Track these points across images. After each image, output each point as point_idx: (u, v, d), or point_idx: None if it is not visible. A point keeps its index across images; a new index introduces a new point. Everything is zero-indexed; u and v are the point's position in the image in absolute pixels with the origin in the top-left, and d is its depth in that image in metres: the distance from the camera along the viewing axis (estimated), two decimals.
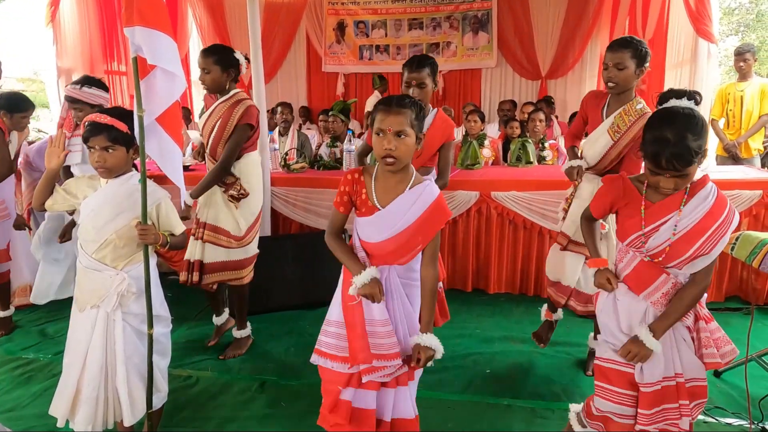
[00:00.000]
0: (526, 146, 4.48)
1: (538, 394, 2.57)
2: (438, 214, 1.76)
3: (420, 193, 1.75)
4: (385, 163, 1.71)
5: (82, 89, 2.92)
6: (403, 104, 1.72)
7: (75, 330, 1.95)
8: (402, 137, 1.69)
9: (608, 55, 2.43)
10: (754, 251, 2.46)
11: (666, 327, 1.66)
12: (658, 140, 1.54)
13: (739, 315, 3.41)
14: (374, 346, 1.74)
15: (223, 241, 2.81)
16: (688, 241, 1.63)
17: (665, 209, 1.66)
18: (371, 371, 1.74)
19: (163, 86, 1.82)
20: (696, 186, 1.65)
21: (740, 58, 4.77)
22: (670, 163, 1.53)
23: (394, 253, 1.77)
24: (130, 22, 1.76)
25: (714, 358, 1.68)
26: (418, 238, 1.76)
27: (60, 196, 1.98)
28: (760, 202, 3.49)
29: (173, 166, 1.91)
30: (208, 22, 7.82)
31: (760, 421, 2.26)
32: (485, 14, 7.36)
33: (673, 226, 1.63)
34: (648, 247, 1.68)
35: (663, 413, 1.69)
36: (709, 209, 1.62)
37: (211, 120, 2.78)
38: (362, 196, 1.79)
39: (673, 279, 1.67)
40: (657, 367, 1.67)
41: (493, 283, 3.83)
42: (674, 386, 1.69)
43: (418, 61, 2.59)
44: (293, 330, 3.32)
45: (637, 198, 1.71)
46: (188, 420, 2.39)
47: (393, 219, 1.74)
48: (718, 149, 5.08)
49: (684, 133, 1.51)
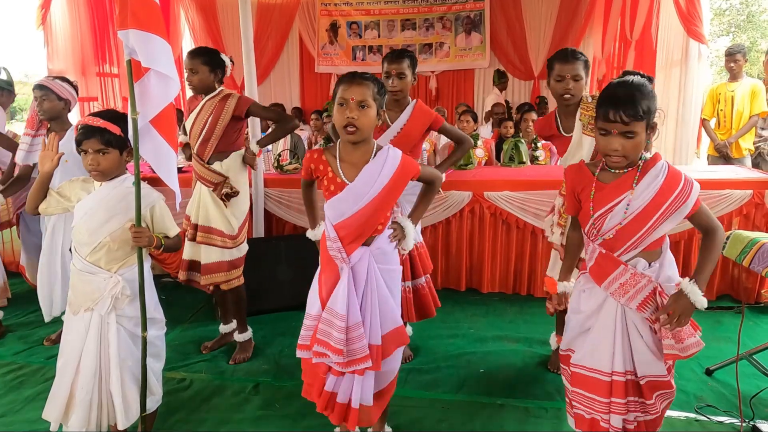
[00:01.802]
0: (519, 146, 4.50)
1: (532, 394, 2.58)
2: (404, 170, 1.85)
3: (384, 157, 1.82)
4: (346, 133, 1.77)
5: (54, 80, 2.94)
6: (365, 77, 1.80)
7: (69, 333, 1.94)
8: (364, 108, 1.76)
9: (563, 67, 2.38)
10: (744, 250, 2.49)
11: (705, 279, 1.64)
12: (608, 95, 1.62)
13: (731, 314, 3.44)
14: (324, 333, 1.83)
15: (217, 242, 2.81)
16: (641, 220, 1.64)
17: (617, 190, 1.67)
18: (317, 355, 1.86)
19: (157, 89, 1.82)
20: (648, 164, 1.66)
21: (731, 58, 4.81)
22: (617, 113, 1.57)
23: (368, 222, 1.83)
24: (123, 25, 1.76)
25: (672, 349, 1.66)
26: (389, 199, 1.85)
27: (54, 199, 1.98)
28: (750, 201, 3.52)
29: (168, 169, 1.91)
30: (200, 24, 7.81)
31: (751, 419, 2.28)
32: (478, 15, 7.38)
33: (625, 206, 1.65)
34: (602, 231, 1.69)
35: (631, 404, 1.71)
36: (660, 186, 1.63)
37: (200, 119, 2.77)
38: (329, 175, 1.85)
39: (632, 270, 1.66)
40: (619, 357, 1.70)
41: (486, 283, 3.85)
42: (633, 381, 1.71)
43: (397, 53, 2.65)
44: (287, 331, 3.32)
45: (590, 179, 1.73)
46: (182, 422, 2.38)
47: (363, 189, 1.80)
48: (709, 149, 5.12)
49: (633, 91, 1.59)
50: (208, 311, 3.63)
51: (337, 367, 1.86)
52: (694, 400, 2.46)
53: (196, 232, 2.81)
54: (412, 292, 2.74)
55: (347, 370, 1.85)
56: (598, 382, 1.72)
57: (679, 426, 2.28)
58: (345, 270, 1.84)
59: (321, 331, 1.83)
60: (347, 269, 1.84)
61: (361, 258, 1.85)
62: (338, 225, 1.84)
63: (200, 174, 2.79)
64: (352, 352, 1.82)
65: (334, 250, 1.85)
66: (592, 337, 1.76)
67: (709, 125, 5.02)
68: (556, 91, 2.44)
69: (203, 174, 2.77)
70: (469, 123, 4.73)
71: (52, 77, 2.97)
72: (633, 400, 1.72)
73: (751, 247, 2.46)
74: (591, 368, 1.74)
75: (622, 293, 1.68)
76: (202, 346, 3.07)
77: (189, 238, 2.84)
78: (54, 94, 2.91)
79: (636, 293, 1.66)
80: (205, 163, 2.77)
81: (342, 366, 1.84)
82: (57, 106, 2.93)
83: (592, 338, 1.76)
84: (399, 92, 2.65)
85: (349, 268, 1.84)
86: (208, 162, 2.77)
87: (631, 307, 1.68)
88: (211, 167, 2.76)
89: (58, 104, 2.94)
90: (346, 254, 1.84)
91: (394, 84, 2.62)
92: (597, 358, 1.73)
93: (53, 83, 2.92)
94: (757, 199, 3.52)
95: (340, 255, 1.84)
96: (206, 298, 3.67)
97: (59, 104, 2.94)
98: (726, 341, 2.89)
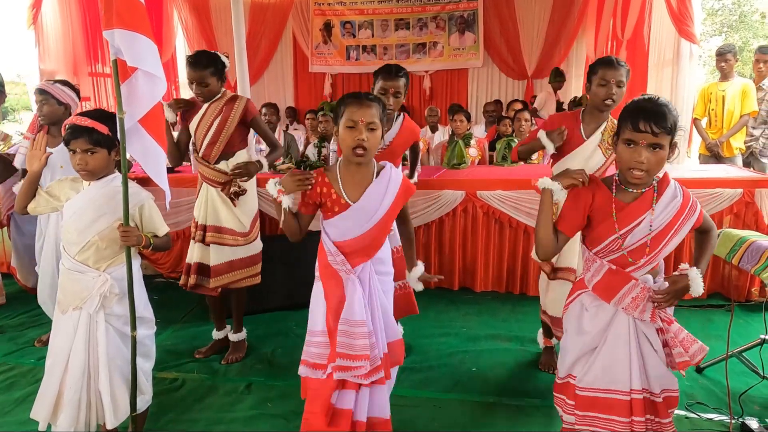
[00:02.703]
0: (512, 145, 4.51)
1: (524, 392, 2.59)
2: (405, 192, 1.88)
3: (388, 178, 1.84)
4: (355, 155, 1.76)
5: (54, 84, 2.92)
6: (372, 98, 1.80)
7: (57, 332, 1.93)
8: (373, 130, 1.76)
9: (608, 71, 2.38)
10: (733, 248, 2.50)
11: (703, 270, 1.69)
12: (638, 108, 1.61)
13: (721, 312, 3.46)
14: (344, 345, 1.77)
15: (228, 240, 2.81)
16: (661, 238, 1.66)
17: (637, 210, 1.67)
18: (343, 369, 1.77)
19: (144, 88, 1.82)
20: (662, 183, 1.68)
21: (722, 58, 4.84)
22: (648, 123, 1.56)
23: (372, 243, 1.83)
24: (109, 25, 1.76)
25: (683, 357, 1.67)
26: (390, 219, 1.86)
27: (43, 198, 1.98)
28: (740, 200, 3.54)
29: (157, 168, 1.91)
30: (193, 24, 7.79)
31: (740, 416, 2.30)
32: (471, 14, 7.40)
33: (648, 225, 1.65)
34: (625, 245, 1.69)
35: (648, 423, 1.69)
36: (679, 207, 1.66)
37: (205, 121, 2.75)
38: (332, 196, 1.82)
39: (642, 284, 1.67)
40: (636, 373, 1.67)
41: (479, 282, 3.85)
42: (649, 399, 1.69)
43: (396, 70, 2.61)
44: (280, 331, 3.32)
45: (607, 197, 1.70)
46: (174, 422, 2.38)
47: (369, 210, 1.80)
48: (700, 148, 5.16)
49: (662, 105, 1.60)
50: (201, 312, 3.62)
51: (357, 380, 1.78)
52: (684, 397, 2.46)
53: (204, 233, 2.80)
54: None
55: (370, 380, 1.79)
56: (618, 403, 1.67)
57: None
58: (353, 279, 1.81)
59: (342, 345, 1.76)
60: (354, 278, 1.81)
61: (363, 269, 1.84)
62: (340, 244, 1.83)
63: (207, 175, 2.78)
64: (375, 358, 1.79)
65: (337, 263, 1.82)
66: (604, 356, 1.71)
67: (701, 124, 5.05)
68: (598, 96, 2.42)
69: (210, 175, 2.77)
70: (463, 123, 4.74)
71: (54, 81, 2.94)
72: (649, 419, 1.69)
73: (740, 246, 2.47)
74: (607, 389, 1.69)
75: (634, 307, 1.68)
76: (195, 353, 3.03)
77: (197, 240, 2.82)
78: (54, 98, 2.89)
79: (645, 307, 1.68)
80: (211, 165, 2.76)
81: (365, 377, 1.78)
82: (57, 111, 2.91)
83: (604, 357, 1.70)
84: (391, 110, 2.65)
85: (357, 277, 1.82)
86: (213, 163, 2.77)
87: (645, 319, 1.68)
88: (217, 167, 2.76)
89: (58, 109, 2.92)
90: (350, 266, 1.82)
91: (390, 102, 2.59)
92: (612, 378, 1.68)
93: (53, 87, 2.90)
94: (747, 198, 3.54)
95: (344, 267, 1.82)
96: (198, 299, 3.66)
97: (59, 109, 2.92)
98: (716, 339, 2.90)
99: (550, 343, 2.84)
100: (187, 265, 2.87)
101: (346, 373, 1.77)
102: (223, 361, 2.93)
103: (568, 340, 1.81)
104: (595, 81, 2.44)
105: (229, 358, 2.95)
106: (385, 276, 1.94)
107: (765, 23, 15.84)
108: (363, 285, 1.83)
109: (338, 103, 1.83)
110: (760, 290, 3.57)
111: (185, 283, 2.85)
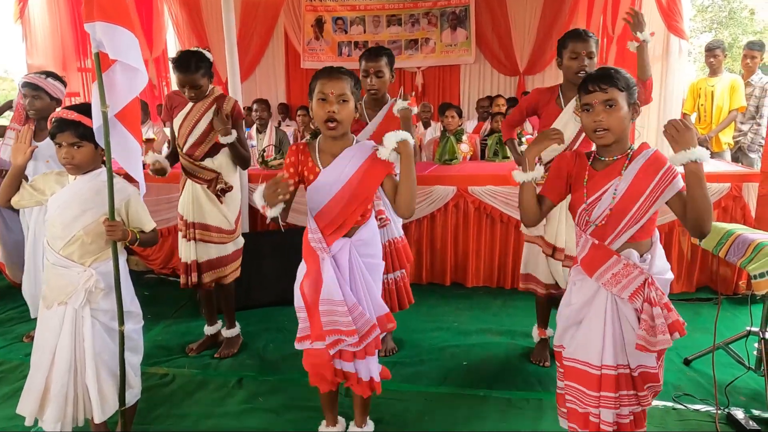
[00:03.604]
0: (503, 141, 4.51)
1: (514, 385, 2.61)
2: (378, 164, 1.84)
3: (358, 147, 1.87)
4: (327, 128, 1.80)
5: (47, 79, 2.89)
6: (342, 71, 1.83)
7: (43, 327, 1.92)
8: (344, 102, 1.79)
9: (577, 44, 2.47)
10: (720, 242, 2.53)
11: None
12: (587, 75, 1.74)
13: (709, 305, 3.49)
14: (331, 323, 1.87)
15: (214, 238, 2.80)
16: (627, 202, 1.65)
17: (607, 177, 1.70)
18: (336, 343, 1.89)
19: (123, 81, 1.81)
20: (636, 152, 1.70)
21: (710, 54, 4.87)
22: (595, 84, 1.65)
23: (344, 211, 1.85)
24: (90, 18, 1.74)
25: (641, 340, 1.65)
26: (361, 189, 1.85)
27: (27, 192, 1.95)
28: (728, 194, 3.57)
29: (133, 163, 1.91)
30: (184, 20, 7.73)
31: (726, 407, 2.32)
32: (463, 10, 7.38)
33: (613, 191, 1.67)
34: (592, 218, 1.71)
35: (624, 398, 1.71)
36: (641, 166, 1.66)
37: (190, 119, 2.72)
38: (309, 164, 1.90)
39: (624, 260, 1.68)
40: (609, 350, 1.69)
41: (470, 277, 3.87)
42: (626, 374, 1.71)
43: (375, 51, 2.66)
44: (271, 326, 3.32)
45: (584, 166, 1.76)
46: (164, 417, 2.37)
47: (334, 174, 1.84)
48: None
49: (609, 68, 1.70)
50: (191, 307, 3.61)
51: (352, 348, 1.91)
52: (671, 389, 2.49)
53: (194, 230, 2.78)
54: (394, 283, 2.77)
55: (361, 347, 1.91)
56: (589, 376, 1.72)
57: (657, 415, 2.31)
58: (326, 259, 1.87)
59: (327, 323, 1.87)
60: (328, 258, 1.87)
61: (341, 248, 1.89)
62: (317, 215, 1.88)
63: (192, 173, 2.76)
64: (362, 328, 1.89)
65: (315, 241, 1.89)
66: (583, 329, 1.76)
67: (690, 120, 5.08)
68: (570, 69, 2.50)
69: (195, 172, 2.75)
70: (454, 119, 4.74)
71: (44, 74, 2.91)
72: (627, 394, 1.71)
73: (727, 239, 2.50)
74: (582, 361, 1.74)
75: (614, 283, 1.69)
76: (187, 348, 3.01)
77: (188, 238, 2.80)
78: (47, 94, 2.88)
79: (628, 283, 1.67)
80: (196, 162, 2.74)
81: (356, 345, 1.89)
82: (50, 106, 2.90)
83: (583, 331, 1.76)
84: (377, 91, 2.66)
85: (330, 257, 1.87)
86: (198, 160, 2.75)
87: (623, 296, 1.68)
88: (203, 164, 2.75)
89: (51, 104, 2.91)
90: (326, 245, 1.87)
91: (373, 82, 2.63)
92: (587, 351, 1.73)
93: (46, 83, 2.88)
94: (734, 192, 3.57)
95: (321, 245, 1.88)
96: (189, 294, 3.65)
97: (52, 104, 2.91)
98: (703, 332, 2.93)
99: (545, 335, 2.86)
100: (185, 264, 2.84)
101: (340, 345, 1.90)
102: (217, 354, 2.93)
103: (560, 310, 1.88)
104: (566, 55, 2.51)
105: (222, 353, 2.94)
106: (370, 258, 1.96)
107: (754, 20, 15.95)
108: (341, 265, 1.88)
109: (312, 79, 1.86)
110: (747, 283, 3.60)
111: (186, 283, 2.83)
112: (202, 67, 2.65)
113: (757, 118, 4.81)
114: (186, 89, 2.67)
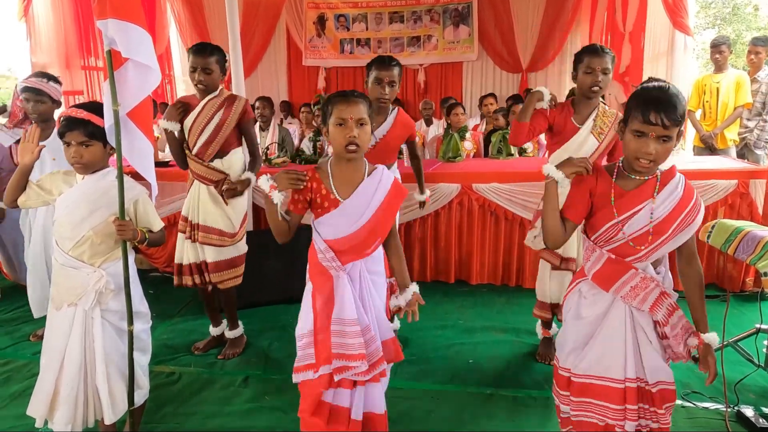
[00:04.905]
0: (507, 138, 4.50)
1: (520, 383, 2.60)
2: (397, 193, 1.85)
3: (379, 177, 1.83)
4: (347, 152, 1.75)
5: (48, 83, 2.91)
6: (358, 95, 1.80)
7: (52, 329, 1.91)
8: (362, 125, 1.77)
9: (593, 60, 2.43)
10: (729, 239, 2.51)
11: (705, 320, 1.71)
12: (649, 98, 1.57)
13: (716, 302, 3.47)
14: (339, 345, 1.75)
15: (214, 240, 2.78)
16: (661, 230, 1.63)
17: (637, 198, 1.65)
18: (341, 370, 1.75)
19: (135, 79, 1.80)
20: (666, 175, 1.67)
21: (716, 50, 4.85)
22: (659, 116, 1.53)
23: (364, 242, 1.81)
24: (102, 15, 1.73)
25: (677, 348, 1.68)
26: (383, 221, 1.82)
27: (33, 192, 1.94)
28: (735, 191, 3.56)
29: (145, 162, 1.90)
30: (186, 17, 7.71)
31: (735, 404, 2.32)
32: (466, 7, 7.36)
33: (649, 213, 1.63)
34: (626, 232, 1.66)
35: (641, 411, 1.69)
36: (680, 198, 1.63)
37: (201, 119, 2.70)
38: (322, 192, 1.81)
39: (642, 273, 1.67)
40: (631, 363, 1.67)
41: (475, 274, 3.86)
42: (644, 389, 1.69)
43: (389, 60, 2.61)
44: (276, 325, 3.32)
45: (608, 183, 1.69)
46: (171, 416, 2.37)
47: (359, 208, 1.79)
48: (695, 140, 5.17)
49: (673, 95, 1.56)
50: (196, 306, 3.61)
51: (357, 377, 1.78)
52: (680, 387, 2.48)
53: (197, 231, 2.77)
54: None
55: (368, 377, 1.78)
56: (612, 390, 1.67)
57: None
58: (342, 276, 1.80)
59: (336, 345, 1.76)
60: (344, 276, 1.80)
61: (353, 266, 1.83)
62: (332, 242, 1.81)
63: (200, 173, 2.75)
64: (372, 355, 1.78)
65: (327, 260, 1.81)
66: (600, 343, 1.71)
67: (695, 116, 5.06)
68: (585, 84, 2.48)
69: (204, 173, 2.74)
70: (463, 116, 4.74)
71: (43, 78, 2.93)
72: (643, 408, 1.69)
73: (735, 236, 2.48)
74: (602, 377, 1.69)
75: (633, 296, 1.67)
76: (193, 347, 3.01)
77: (192, 239, 2.79)
78: (49, 97, 2.91)
79: (646, 296, 1.66)
80: (205, 163, 2.74)
81: (364, 374, 1.77)
82: (51, 109, 2.95)
83: (600, 345, 1.71)
84: (387, 100, 2.64)
85: (346, 275, 1.80)
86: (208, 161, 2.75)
87: (644, 309, 1.67)
88: (211, 165, 2.74)
89: (53, 107, 2.96)
90: (340, 263, 1.80)
91: (386, 92, 2.59)
92: (607, 366, 1.68)
93: (48, 86, 2.90)
94: (741, 189, 3.56)
95: (334, 264, 1.80)
96: (194, 293, 3.65)
97: (53, 107, 2.96)
98: (712, 329, 2.90)
99: (549, 334, 2.85)
100: (178, 265, 2.83)
101: (345, 373, 1.76)
102: (220, 356, 2.92)
103: (566, 327, 1.81)
104: (581, 69, 2.49)
105: (226, 353, 2.94)
106: (377, 276, 1.91)
107: (758, 15, 15.87)
108: (353, 282, 1.82)
109: (325, 103, 1.82)
110: (755, 280, 3.59)
111: (180, 283, 2.82)
112: (216, 54, 2.69)
113: (763, 115, 4.79)
114: (197, 73, 2.66)
